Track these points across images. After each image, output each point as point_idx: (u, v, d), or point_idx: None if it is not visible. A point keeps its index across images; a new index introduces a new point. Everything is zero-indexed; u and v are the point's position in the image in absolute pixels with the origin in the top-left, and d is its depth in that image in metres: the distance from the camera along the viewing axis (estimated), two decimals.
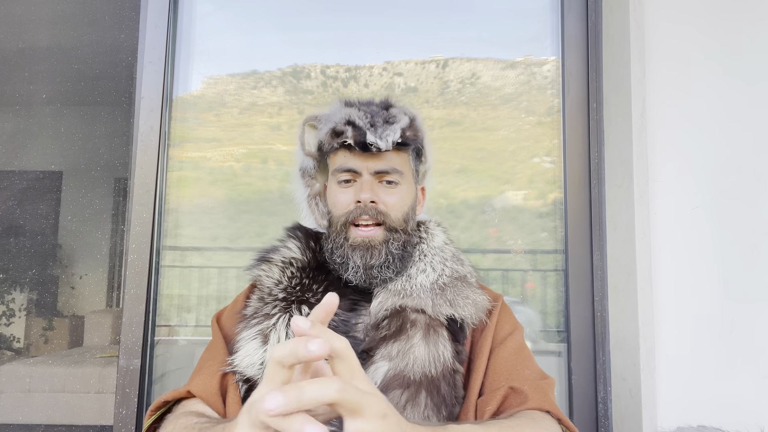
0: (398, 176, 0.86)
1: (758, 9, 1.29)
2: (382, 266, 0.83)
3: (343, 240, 0.84)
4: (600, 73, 1.42)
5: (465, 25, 1.54)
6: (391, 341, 0.78)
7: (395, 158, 0.86)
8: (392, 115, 0.86)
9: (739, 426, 1.03)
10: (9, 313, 2.07)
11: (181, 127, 1.47)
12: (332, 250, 0.86)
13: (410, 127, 0.86)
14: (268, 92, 1.52)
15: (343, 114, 0.85)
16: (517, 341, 0.85)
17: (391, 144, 0.82)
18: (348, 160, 0.85)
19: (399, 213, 0.86)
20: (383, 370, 0.76)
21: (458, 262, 0.90)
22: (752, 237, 1.25)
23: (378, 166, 0.84)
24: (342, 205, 0.85)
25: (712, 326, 1.22)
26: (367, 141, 0.82)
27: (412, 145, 0.88)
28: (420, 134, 0.89)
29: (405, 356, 0.77)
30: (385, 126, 0.84)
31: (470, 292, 0.85)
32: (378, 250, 0.83)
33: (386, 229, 0.84)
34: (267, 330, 0.80)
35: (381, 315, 0.82)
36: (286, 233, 0.94)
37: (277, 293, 0.84)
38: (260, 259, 0.90)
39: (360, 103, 0.89)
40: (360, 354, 0.80)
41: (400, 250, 0.84)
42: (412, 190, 0.90)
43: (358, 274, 0.83)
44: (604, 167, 1.39)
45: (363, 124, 0.83)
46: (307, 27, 1.54)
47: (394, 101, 0.91)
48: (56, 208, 1.99)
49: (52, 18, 1.83)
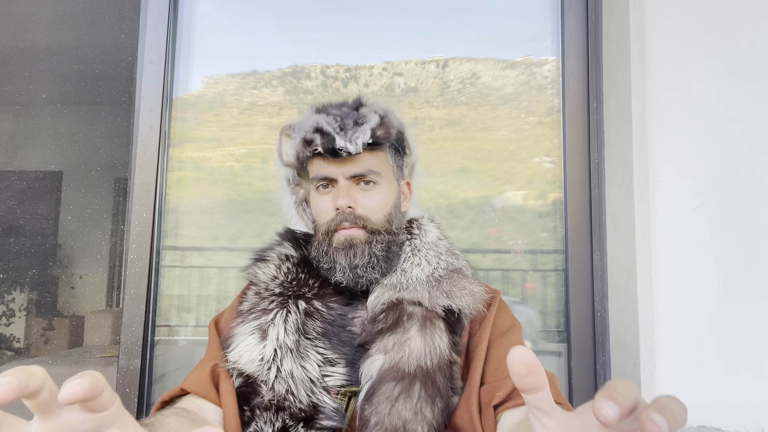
0: (375, 176, 0.85)
1: (758, 8, 1.29)
2: (366, 266, 0.83)
3: (327, 246, 0.85)
4: (600, 73, 1.42)
5: (465, 25, 1.54)
6: (387, 334, 0.78)
7: (370, 159, 0.85)
8: (362, 116, 0.85)
9: (739, 426, 1.03)
10: (9, 313, 2.07)
11: (181, 127, 1.47)
12: (319, 259, 0.86)
13: (381, 125, 0.85)
14: (268, 92, 1.52)
15: (312, 122, 0.85)
16: (518, 337, 0.85)
17: (361, 146, 0.82)
18: (323, 168, 0.85)
19: (380, 214, 0.85)
20: (378, 364, 0.76)
21: (453, 256, 0.90)
22: (752, 237, 1.25)
23: (352, 170, 0.84)
24: (322, 213, 0.86)
25: (712, 326, 1.22)
26: (336, 147, 0.81)
27: (385, 144, 0.87)
28: (393, 130, 0.87)
29: (400, 349, 0.76)
30: (355, 128, 0.83)
31: (467, 282, 0.85)
32: (361, 250, 0.83)
33: (368, 231, 0.84)
34: (265, 325, 0.80)
35: (378, 309, 0.82)
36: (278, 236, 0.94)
37: (274, 288, 0.84)
38: (256, 259, 0.90)
39: (331, 107, 0.88)
40: (357, 348, 0.80)
41: (384, 251, 0.84)
42: (394, 188, 0.89)
43: (345, 275, 0.83)
44: (604, 167, 1.39)
45: (332, 129, 0.82)
46: (307, 27, 1.54)
47: (366, 100, 0.90)
48: (56, 208, 1.99)
49: (52, 18, 1.83)
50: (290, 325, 0.79)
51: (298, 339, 0.79)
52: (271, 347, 0.77)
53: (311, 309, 0.81)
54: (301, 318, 0.80)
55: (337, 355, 0.79)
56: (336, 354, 0.79)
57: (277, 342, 0.78)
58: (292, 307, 0.81)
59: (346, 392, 0.78)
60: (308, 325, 0.80)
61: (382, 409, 0.72)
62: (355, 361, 0.79)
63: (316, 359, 0.78)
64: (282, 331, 0.79)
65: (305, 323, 0.80)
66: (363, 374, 0.76)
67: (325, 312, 0.81)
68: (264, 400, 0.75)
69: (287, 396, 0.75)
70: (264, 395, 0.75)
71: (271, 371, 0.76)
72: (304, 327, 0.80)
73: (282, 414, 0.74)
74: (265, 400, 0.75)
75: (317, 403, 0.75)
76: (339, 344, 0.80)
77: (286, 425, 0.74)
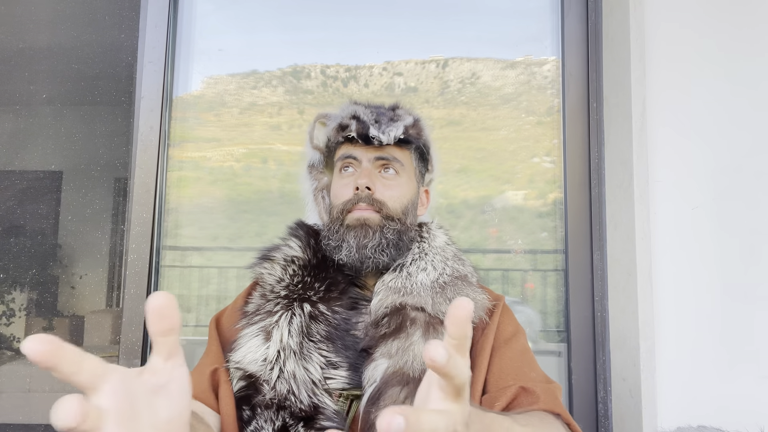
0: (398, 166, 0.88)
1: (758, 11, 1.29)
2: (375, 248, 0.84)
3: (339, 225, 0.86)
4: (600, 73, 1.42)
5: (465, 25, 1.54)
6: (391, 339, 0.79)
7: (397, 152, 0.89)
8: (397, 115, 0.89)
9: (739, 426, 1.03)
10: (9, 313, 2.07)
11: (181, 126, 1.47)
12: (328, 237, 0.87)
13: (414, 126, 0.89)
14: (268, 92, 1.52)
15: (350, 110, 0.89)
16: (522, 344, 0.85)
17: (393, 138, 0.85)
18: (350, 150, 0.89)
19: (397, 204, 0.87)
20: (383, 368, 0.76)
21: (459, 261, 0.91)
22: (752, 237, 1.25)
23: (378, 154, 0.87)
24: (341, 194, 0.88)
25: (712, 326, 1.22)
26: (370, 134, 0.85)
27: (414, 143, 0.90)
28: (423, 135, 0.91)
29: (404, 354, 0.77)
30: (389, 123, 0.87)
31: (470, 290, 0.86)
32: (372, 231, 0.84)
33: (382, 216, 0.85)
34: (270, 327, 0.80)
35: (381, 313, 0.82)
36: (288, 231, 0.95)
37: (279, 290, 0.85)
38: (262, 258, 0.90)
39: (369, 103, 0.93)
40: (360, 352, 0.80)
41: (395, 237, 0.85)
42: (413, 187, 0.91)
43: (351, 254, 0.84)
44: (604, 167, 1.39)
45: (368, 119, 0.86)
46: (307, 27, 1.54)
47: (402, 105, 0.94)
48: (56, 208, 1.99)
49: (51, 18, 1.83)
50: (294, 328, 0.80)
51: (301, 341, 0.79)
52: (274, 348, 0.78)
53: (316, 312, 0.82)
54: (306, 321, 0.81)
55: (340, 359, 0.79)
56: (339, 357, 0.79)
57: (281, 344, 0.78)
58: (297, 310, 0.81)
59: (348, 395, 0.78)
60: (312, 328, 0.80)
61: None
62: (357, 365, 0.79)
63: (318, 362, 0.78)
64: (286, 333, 0.79)
65: (309, 326, 0.80)
66: (366, 378, 0.77)
67: (330, 316, 0.82)
68: (265, 399, 0.75)
69: (288, 396, 0.75)
70: (265, 394, 0.76)
71: (274, 371, 0.77)
72: (308, 330, 0.80)
73: (282, 413, 0.74)
74: (267, 398, 0.75)
75: (318, 404, 0.75)
76: (342, 348, 0.80)
77: (286, 424, 0.74)
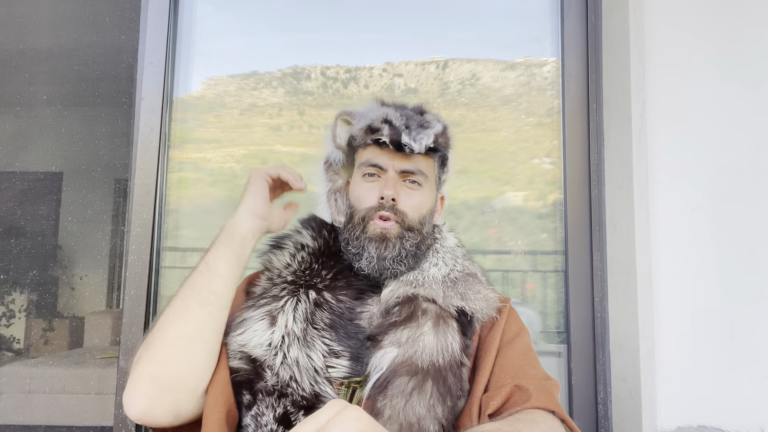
0: (422, 178, 0.88)
1: (757, 13, 1.30)
2: (395, 259, 0.85)
3: (360, 232, 0.86)
4: (600, 75, 1.42)
5: (465, 27, 1.54)
6: (401, 327, 0.79)
7: (423, 161, 0.89)
8: (426, 120, 0.89)
9: (739, 426, 1.03)
10: (9, 314, 2.07)
11: (181, 128, 1.47)
12: (348, 241, 0.88)
13: (443, 134, 0.89)
14: (268, 93, 1.52)
15: (381, 113, 0.88)
16: (525, 342, 0.86)
17: (424, 147, 0.85)
18: (377, 156, 0.88)
19: (417, 214, 0.87)
20: (391, 356, 0.77)
21: (469, 260, 0.92)
22: (752, 238, 1.25)
23: (404, 166, 0.87)
24: (365, 199, 0.87)
25: (711, 327, 1.22)
26: (402, 141, 0.84)
27: (441, 152, 0.91)
28: (450, 142, 0.92)
29: (414, 343, 0.77)
30: (420, 129, 0.86)
31: (481, 287, 0.87)
32: (393, 244, 0.84)
33: (403, 227, 0.86)
34: (275, 311, 0.81)
35: (392, 302, 0.83)
36: (301, 222, 0.95)
37: (286, 276, 0.85)
38: (273, 245, 0.91)
39: (395, 105, 0.92)
40: (364, 340, 0.81)
41: (414, 248, 0.86)
42: (433, 195, 0.92)
43: (371, 264, 0.84)
44: (604, 168, 1.39)
45: (399, 124, 0.85)
46: (307, 28, 1.54)
47: (428, 108, 0.94)
48: (57, 209, 1.99)
49: (52, 20, 1.84)
50: (299, 314, 0.80)
51: (305, 328, 0.79)
52: (279, 333, 0.78)
53: (321, 300, 0.82)
54: (311, 308, 0.81)
55: (342, 348, 0.79)
56: (341, 346, 0.79)
57: (286, 329, 0.79)
58: (303, 296, 0.82)
59: (350, 383, 0.78)
60: (317, 315, 0.81)
61: (396, 403, 0.73)
62: (359, 355, 0.79)
63: (321, 350, 0.78)
64: (291, 318, 0.80)
65: (314, 313, 0.81)
66: (372, 365, 0.77)
67: (334, 304, 0.82)
68: (267, 385, 0.76)
69: (290, 383, 0.75)
70: (268, 380, 0.76)
71: (278, 357, 0.77)
72: (312, 317, 0.81)
73: (284, 401, 0.75)
74: (269, 384, 0.76)
75: (319, 392, 0.76)
76: (345, 337, 0.80)
77: (287, 411, 0.74)
